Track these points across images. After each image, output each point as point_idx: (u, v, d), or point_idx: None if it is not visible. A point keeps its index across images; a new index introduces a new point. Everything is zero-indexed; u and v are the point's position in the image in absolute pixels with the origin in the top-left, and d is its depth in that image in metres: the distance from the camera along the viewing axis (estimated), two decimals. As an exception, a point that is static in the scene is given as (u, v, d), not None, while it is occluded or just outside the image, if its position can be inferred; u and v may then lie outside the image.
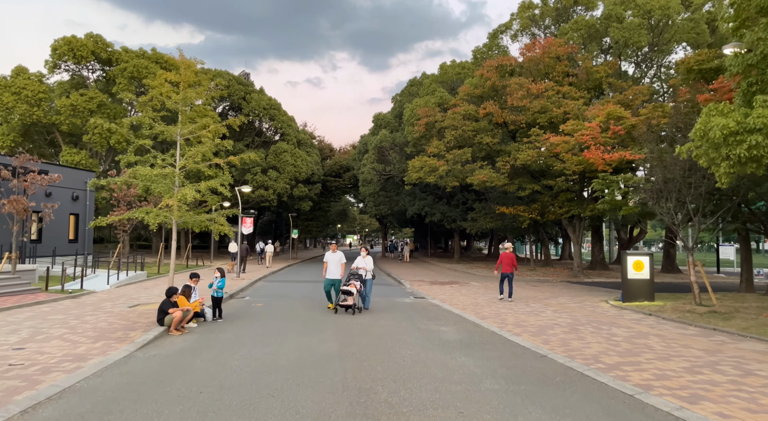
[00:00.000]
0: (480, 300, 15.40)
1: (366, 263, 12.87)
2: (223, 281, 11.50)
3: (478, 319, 11.68)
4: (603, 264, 28.32)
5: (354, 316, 12.00)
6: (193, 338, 9.17)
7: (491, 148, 24.04)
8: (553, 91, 21.05)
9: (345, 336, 9.41)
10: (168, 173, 12.39)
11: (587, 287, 20.15)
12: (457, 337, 9.58)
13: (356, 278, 12.39)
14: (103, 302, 13.48)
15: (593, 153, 16.30)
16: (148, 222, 12.42)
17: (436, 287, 19.33)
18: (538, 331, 10.07)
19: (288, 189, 39.50)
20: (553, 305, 14.05)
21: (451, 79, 30.53)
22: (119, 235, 23.10)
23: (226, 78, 40.37)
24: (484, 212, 28.69)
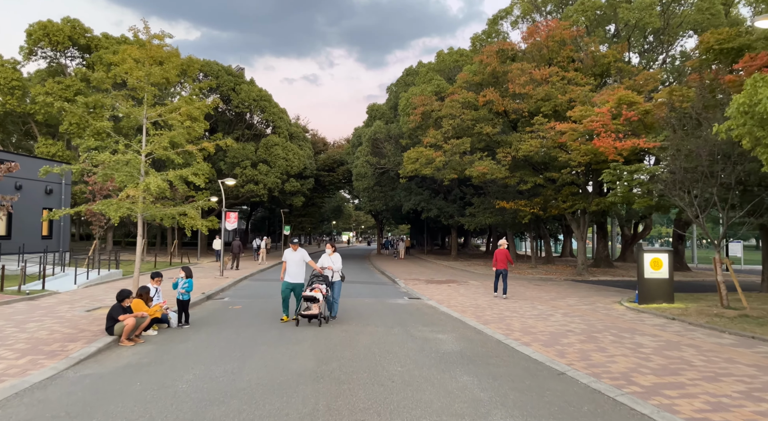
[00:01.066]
0: (480, 301, 14.05)
1: (333, 261, 10.78)
2: (190, 283, 10.09)
3: (480, 324, 10.31)
4: (608, 262, 27.03)
5: (337, 322, 10.61)
6: (146, 350, 7.77)
7: (491, 138, 22.66)
8: (558, 77, 19.67)
9: (325, 348, 8.02)
10: (130, 159, 10.94)
11: (594, 286, 18.82)
12: (456, 347, 8.22)
13: (321, 281, 10.25)
14: (60, 304, 12.05)
15: (604, 141, 14.95)
16: (110, 216, 11.01)
17: (433, 287, 17.97)
18: (551, 339, 8.71)
19: (279, 184, 38.03)
20: (562, 308, 12.70)
21: (448, 67, 29.07)
22: (95, 231, 21.63)
23: (215, 68, 38.86)
24: (483, 206, 27.32)
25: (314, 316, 9.72)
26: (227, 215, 20.63)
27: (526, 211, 23.56)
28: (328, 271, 10.61)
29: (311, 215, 51.67)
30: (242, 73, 41.60)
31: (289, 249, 10.50)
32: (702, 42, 14.86)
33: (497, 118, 22.68)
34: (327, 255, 10.88)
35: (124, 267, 21.46)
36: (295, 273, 10.30)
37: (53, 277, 17.28)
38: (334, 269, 10.65)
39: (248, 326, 9.84)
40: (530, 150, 19.73)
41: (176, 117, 11.96)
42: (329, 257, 10.84)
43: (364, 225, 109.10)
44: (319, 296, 9.73)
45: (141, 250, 11.76)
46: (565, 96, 19.41)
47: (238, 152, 37.11)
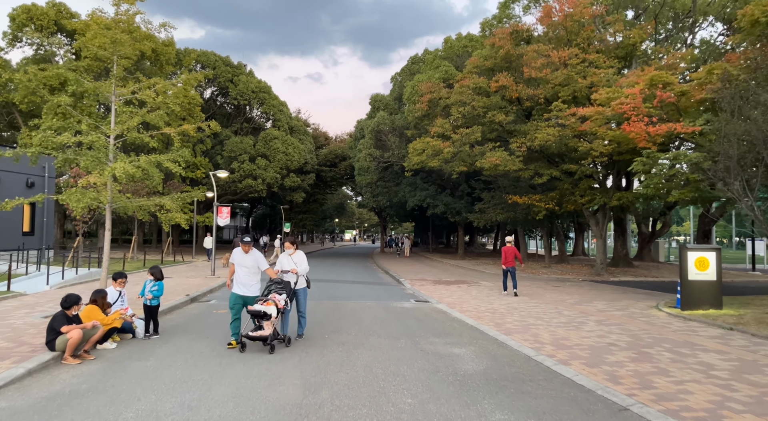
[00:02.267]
0: (496, 305, 12.46)
1: (296, 262, 8.04)
2: (160, 286, 8.53)
3: (502, 334, 8.73)
4: (627, 261, 25.35)
5: (334, 332, 9.03)
6: (92, 370, 6.23)
7: (504, 128, 21.01)
8: (578, 59, 18.00)
9: (315, 368, 6.46)
10: (94, 141, 9.38)
11: (618, 287, 17.19)
12: (479, 367, 6.64)
13: (280, 290, 7.61)
14: (19, 309, 10.52)
15: (635, 126, 13.31)
16: (72, 206, 9.48)
17: (441, 288, 16.39)
18: (593, 356, 7.12)
19: (279, 179, 36.51)
20: (593, 313, 11.09)
21: (457, 53, 27.39)
22: (78, 227, 20.14)
23: (212, 59, 37.34)
24: (494, 202, 25.67)
25: (264, 339, 7.09)
26: (219, 209, 19.10)
27: (540, 206, 21.91)
28: (290, 275, 7.95)
29: (313, 212, 50.17)
30: (241, 64, 40.02)
31: (239, 250, 7.81)
32: (745, 15, 13.19)
33: (510, 106, 21.04)
34: (287, 254, 8.12)
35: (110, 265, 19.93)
36: (247, 283, 7.71)
37: (26, 276, 15.79)
38: (299, 273, 7.96)
39: (227, 336, 8.28)
40: (547, 139, 18.07)
41: (150, 94, 10.39)
42: (289, 257, 8.07)
43: (367, 223, 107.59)
44: (272, 311, 7.16)
45: (108, 246, 10.21)
46: (586, 80, 17.76)
47: (236, 146, 35.60)
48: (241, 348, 7.26)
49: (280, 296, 7.51)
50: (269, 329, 7.16)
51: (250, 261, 7.76)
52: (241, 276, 7.74)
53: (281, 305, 7.38)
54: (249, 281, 7.73)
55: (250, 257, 7.81)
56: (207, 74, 35.91)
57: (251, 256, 7.81)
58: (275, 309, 7.23)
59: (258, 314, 7.20)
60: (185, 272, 20.54)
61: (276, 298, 7.45)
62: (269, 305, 7.22)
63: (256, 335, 7.09)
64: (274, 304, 7.25)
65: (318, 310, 11.47)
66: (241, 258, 7.76)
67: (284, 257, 8.12)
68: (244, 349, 7.26)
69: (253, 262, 7.75)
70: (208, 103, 38.95)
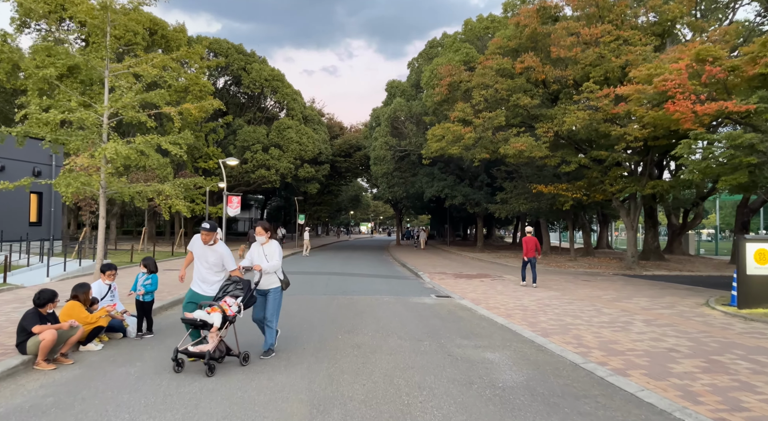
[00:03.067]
0: (526, 301, 11.37)
1: (268, 254, 6.30)
2: (154, 279, 7.61)
3: (539, 336, 7.66)
4: (658, 254, 23.94)
5: (348, 332, 8.05)
6: (66, 378, 5.33)
7: (528, 112, 19.77)
8: (612, 36, 16.66)
9: (326, 377, 5.47)
10: (84, 119, 8.48)
11: (655, 282, 15.95)
12: (519, 377, 5.60)
13: (238, 291, 5.92)
14: (9, 303, 9.74)
15: (680, 105, 12.03)
16: (61, 192, 8.61)
17: (463, 282, 15.33)
18: (654, 365, 6.02)
19: (292, 169, 35.61)
20: (636, 311, 9.95)
21: (477, 36, 26.06)
22: (84, 217, 19.45)
23: (225, 46, 36.49)
24: (517, 192, 24.43)
25: (201, 356, 5.48)
26: (229, 199, 18.24)
27: (567, 196, 20.67)
28: (252, 273, 6.31)
29: (327, 203, 49.26)
30: (254, 52, 39.09)
31: (197, 238, 6.18)
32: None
33: (536, 89, 19.77)
34: (259, 245, 6.38)
35: (115, 257, 19.26)
36: (208, 279, 6.15)
37: (27, 268, 15.10)
38: (265, 269, 6.15)
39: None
40: (577, 123, 16.82)
41: (147, 68, 9.44)
42: (260, 248, 6.35)
43: (383, 216, 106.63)
44: (214, 320, 5.55)
45: (102, 237, 9.34)
46: (620, 59, 16.43)
47: (249, 135, 34.78)
48: (176, 367, 5.53)
49: (235, 299, 5.82)
50: (212, 342, 5.54)
51: (212, 257, 6.09)
52: (201, 271, 6.16)
53: (232, 311, 5.71)
54: (211, 277, 6.13)
55: (213, 252, 6.09)
56: (219, 62, 35.06)
57: (214, 251, 6.09)
58: (221, 317, 5.58)
59: (198, 324, 5.59)
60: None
61: (227, 303, 5.73)
62: (214, 311, 5.62)
63: (195, 351, 5.52)
64: (220, 310, 5.63)
65: (331, 306, 10.53)
66: (200, 250, 6.14)
67: (255, 249, 6.38)
68: (180, 368, 5.56)
69: (216, 258, 6.10)
70: (221, 92, 38.16)
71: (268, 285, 6.30)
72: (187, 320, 5.66)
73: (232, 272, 6.18)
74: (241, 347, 6.16)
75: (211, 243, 6.12)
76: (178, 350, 5.56)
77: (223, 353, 5.72)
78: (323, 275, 17.19)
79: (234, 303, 5.78)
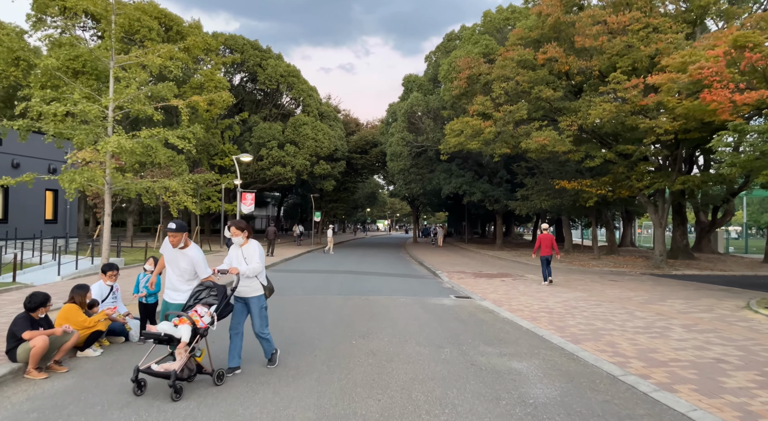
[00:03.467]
0: (551, 303, 10.74)
1: (247, 256, 5.50)
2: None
3: (570, 343, 7.06)
4: (687, 252, 22.98)
5: (362, 336, 7.54)
6: (56, 389, 4.92)
7: (551, 105, 19.02)
8: (640, 24, 15.84)
9: (338, 391, 4.97)
10: (87, 111, 8.10)
11: (687, 283, 15.14)
12: (552, 391, 5.03)
13: (211, 299, 5.16)
14: (15, 303, 9.46)
15: (717, 94, 11.26)
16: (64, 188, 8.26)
17: (483, 282, 14.73)
18: (704, 378, 5.40)
19: (308, 166, 35.28)
20: (672, 315, 9.26)
21: (497, 27, 25.29)
22: (99, 214, 19.28)
23: (240, 42, 36.27)
24: (538, 188, 23.67)
25: (166, 376, 4.63)
26: (243, 195, 17.88)
27: (591, 192, 19.89)
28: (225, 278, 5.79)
29: (343, 200, 48.86)
30: (269, 48, 38.80)
31: (166, 242, 5.39)
32: None
33: (559, 81, 19.00)
34: (236, 246, 5.60)
35: (129, 255, 19.05)
36: (179, 287, 5.42)
37: (39, 266, 14.92)
38: (244, 272, 5.36)
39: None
40: (603, 116, 16.04)
41: (153, 59, 9.03)
42: (238, 249, 5.56)
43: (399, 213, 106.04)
44: (181, 333, 4.74)
45: (108, 235, 8.98)
46: (649, 48, 15.61)
47: (264, 132, 34.52)
48: (137, 390, 4.69)
49: (205, 309, 5.01)
50: (180, 359, 4.72)
51: (183, 262, 5.29)
52: (171, 278, 5.42)
53: (203, 323, 4.88)
54: (182, 286, 5.36)
55: (184, 256, 5.27)
56: (235, 58, 34.91)
57: (186, 255, 5.27)
58: (189, 330, 4.75)
59: (160, 338, 4.74)
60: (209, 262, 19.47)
61: (198, 312, 4.93)
62: (182, 323, 4.79)
63: (159, 370, 4.67)
64: (190, 322, 4.79)
65: (346, 307, 10.05)
66: (170, 254, 5.35)
67: (233, 251, 5.63)
68: (141, 390, 4.73)
69: (188, 264, 5.30)
70: (237, 89, 38.02)
71: (250, 292, 5.50)
72: (149, 334, 4.81)
73: (204, 278, 5.37)
74: (216, 361, 5.55)
75: (181, 246, 5.27)
76: (139, 368, 4.67)
77: (194, 372, 4.89)
78: (338, 274, 16.74)
79: (206, 313, 4.97)
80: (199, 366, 5.00)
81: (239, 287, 5.43)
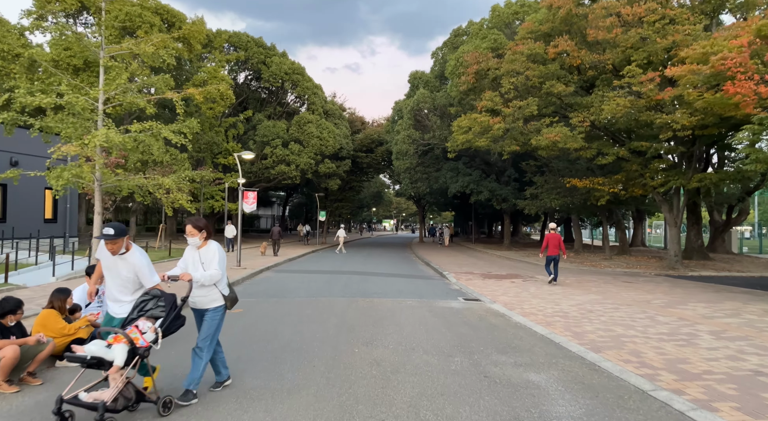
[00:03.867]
0: (565, 306, 10.20)
1: (205, 260, 4.67)
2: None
3: (590, 351, 6.52)
4: (702, 252, 22.30)
5: (366, 344, 7.02)
6: (24, 406, 4.46)
7: (562, 100, 18.44)
8: (657, 15, 15.24)
9: (337, 410, 4.46)
10: (74, 103, 7.63)
11: (706, 284, 14.53)
12: (575, 409, 4.51)
13: (158, 311, 4.32)
14: (1, 305, 8.97)
15: (741, 86, 10.67)
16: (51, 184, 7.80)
17: (492, 283, 14.19)
18: (745, 395, 4.85)
19: (313, 165, 34.80)
20: (697, 320, 8.68)
21: (506, 22, 24.69)
22: (98, 213, 18.86)
23: (244, 40, 35.85)
24: (548, 186, 23.07)
25: (92, 407, 3.78)
26: (245, 194, 17.43)
27: (603, 190, 19.29)
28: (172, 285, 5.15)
29: (349, 199, 48.34)
30: (274, 46, 38.38)
31: (102, 246, 4.46)
32: None
33: (570, 76, 18.41)
34: (192, 248, 4.75)
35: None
36: (119, 299, 4.56)
37: (35, 266, 14.52)
38: (198, 279, 4.52)
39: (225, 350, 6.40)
40: (616, 111, 15.45)
41: (146, 49, 8.55)
42: (195, 252, 4.72)
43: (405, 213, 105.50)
44: (117, 355, 3.86)
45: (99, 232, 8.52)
46: (666, 40, 15.01)
47: (268, 130, 34.08)
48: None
49: (153, 322, 4.20)
50: (113, 387, 3.89)
51: (124, 269, 4.45)
52: (111, 290, 4.57)
53: (144, 341, 4.03)
54: (124, 297, 4.51)
55: (125, 263, 4.43)
56: (239, 56, 34.51)
57: (127, 262, 4.42)
58: (125, 350, 3.86)
59: (87, 363, 3.88)
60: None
61: (139, 328, 4.10)
62: (118, 341, 3.91)
63: (87, 401, 3.83)
64: (126, 340, 3.91)
65: (349, 310, 9.54)
66: (109, 261, 4.46)
67: (189, 254, 4.75)
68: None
69: (129, 271, 4.44)
70: (241, 87, 37.64)
71: (207, 303, 4.65)
72: (73, 357, 3.94)
73: (151, 286, 4.51)
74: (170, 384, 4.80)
75: (122, 252, 4.42)
76: (63, 398, 3.83)
77: (131, 401, 4.06)
78: (343, 275, 16.25)
79: (150, 328, 4.12)
80: (138, 392, 4.13)
81: (195, 297, 4.62)
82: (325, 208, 43.34)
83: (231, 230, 25.82)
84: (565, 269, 18.90)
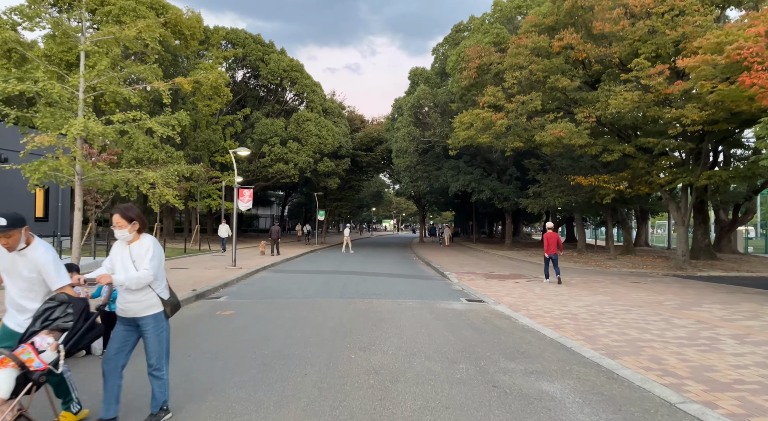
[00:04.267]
0: (573, 307, 9.69)
1: (137, 258, 3.75)
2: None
3: (605, 357, 6.02)
4: (709, 252, 21.79)
5: (364, 350, 6.52)
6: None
7: (567, 96, 17.94)
8: (666, 6, 14.74)
9: (328, 419, 3.95)
10: (51, 91, 7.12)
11: (717, 285, 14.03)
12: (599, 427, 3.99)
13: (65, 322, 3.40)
14: (-23, 307, 8.46)
15: (758, 77, 10.16)
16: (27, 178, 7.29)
17: (496, 284, 13.68)
18: (785, 409, 4.34)
19: (311, 163, 34.30)
20: (716, 323, 8.18)
21: (508, 16, 24.20)
22: (90, 211, 18.37)
23: (242, 36, 35.36)
24: (551, 184, 22.57)
25: None
26: (240, 192, 16.91)
27: (608, 188, 18.78)
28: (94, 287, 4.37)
29: (348, 199, 47.82)
30: (272, 43, 37.89)
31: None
32: None
33: (575, 70, 17.91)
34: (122, 244, 3.85)
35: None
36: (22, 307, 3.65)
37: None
38: (121, 282, 3.63)
39: (214, 356, 5.89)
40: (623, 106, 14.95)
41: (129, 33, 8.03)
42: (125, 248, 3.83)
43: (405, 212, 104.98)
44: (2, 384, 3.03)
45: (78, 232, 8.01)
46: (675, 32, 14.50)
47: (266, 128, 33.58)
48: None
49: (57, 338, 3.34)
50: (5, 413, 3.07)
51: (25, 269, 3.58)
52: (12, 295, 3.67)
53: (41, 362, 3.21)
54: (29, 304, 3.60)
55: (25, 261, 3.57)
56: (236, 52, 34.00)
57: (27, 259, 3.57)
58: (12, 377, 3.09)
59: None
60: (205, 262, 18.58)
61: (35, 345, 3.23)
62: (2, 366, 3.09)
63: None
64: (15, 364, 3.11)
65: (347, 312, 9.04)
66: (7, 261, 3.61)
67: (117, 251, 3.87)
68: None
69: (32, 270, 3.58)
70: (239, 85, 37.13)
71: (141, 310, 3.78)
72: None
73: (60, 288, 3.63)
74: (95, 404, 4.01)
75: (20, 248, 3.55)
76: None
77: None
78: (341, 275, 15.75)
79: (50, 345, 3.27)
80: None
81: (125, 303, 3.76)
82: (324, 208, 42.84)
83: (225, 230, 25.29)
84: (570, 268, 18.40)
